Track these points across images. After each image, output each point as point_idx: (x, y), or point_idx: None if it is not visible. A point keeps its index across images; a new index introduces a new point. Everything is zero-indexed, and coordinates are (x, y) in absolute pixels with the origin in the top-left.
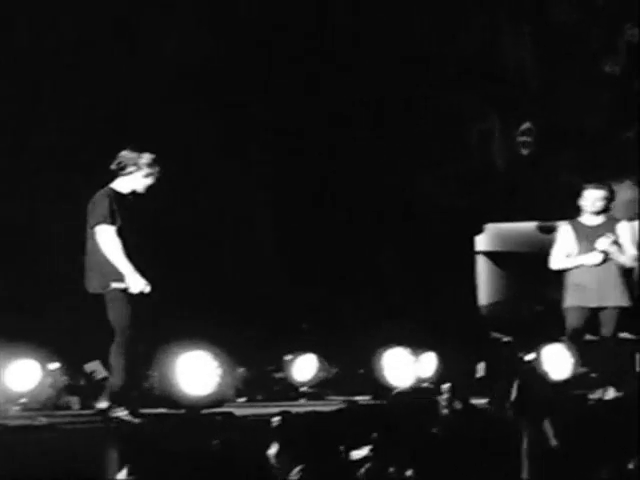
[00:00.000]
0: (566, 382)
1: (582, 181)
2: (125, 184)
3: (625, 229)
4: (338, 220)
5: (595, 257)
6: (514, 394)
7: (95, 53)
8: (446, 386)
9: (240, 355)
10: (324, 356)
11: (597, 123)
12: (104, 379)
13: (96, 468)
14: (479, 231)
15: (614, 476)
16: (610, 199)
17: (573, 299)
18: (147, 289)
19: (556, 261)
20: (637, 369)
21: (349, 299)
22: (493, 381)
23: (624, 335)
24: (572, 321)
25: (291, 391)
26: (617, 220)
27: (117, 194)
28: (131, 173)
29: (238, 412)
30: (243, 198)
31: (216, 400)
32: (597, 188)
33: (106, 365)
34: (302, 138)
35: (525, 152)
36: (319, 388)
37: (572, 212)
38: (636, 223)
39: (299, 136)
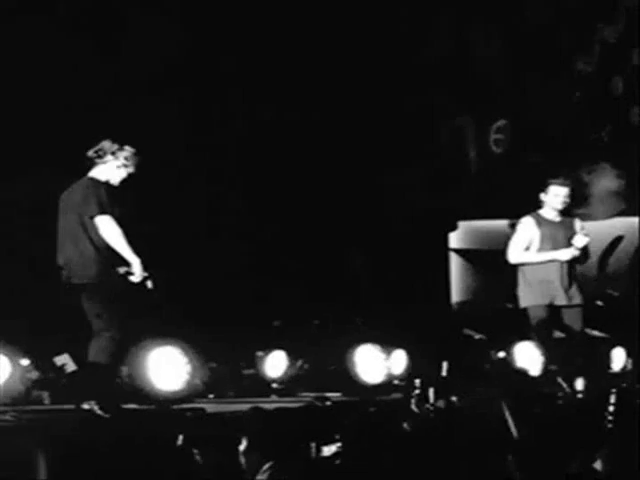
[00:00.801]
0: (536, 379)
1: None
2: (101, 173)
3: (580, 227)
4: (310, 218)
5: (568, 253)
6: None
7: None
8: (417, 382)
9: (211, 351)
10: (295, 353)
11: (570, 122)
12: (74, 372)
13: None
14: (452, 229)
15: (584, 470)
16: (572, 196)
17: (539, 296)
18: (149, 284)
19: (516, 255)
20: (612, 367)
21: (321, 296)
22: (456, 380)
23: (595, 333)
24: (540, 319)
25: (262, 387)
26: (573, 217)
27: (105, 183)
28: (107, 162)
29: (209, 408)
30: (216, 196)
31: (186, 396)
32: (563, 185)
33: (76, 358)
34: (275, 139)
35: (498, 150)
36: (290, 384)
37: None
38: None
39: (271, 137)
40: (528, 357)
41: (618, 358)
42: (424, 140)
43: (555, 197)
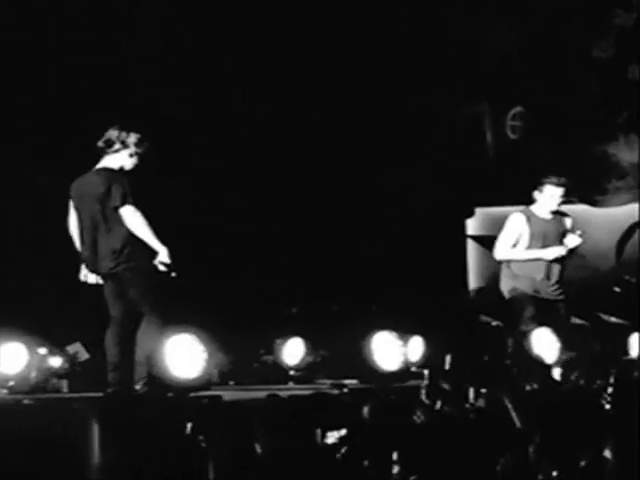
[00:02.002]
0: (551, 367)
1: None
2: (113, 163)
3: (571, 225)
4: (327, 205)
5: (555, 252)
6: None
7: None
8: (426, 373)
9: (229, 339)
10: (312, 340)
11: (586, 108)
12: (87, 361)
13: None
14: (469, 215)
15: (593, 462)
16: (567, 195)
17: (523, 288)
18: (174, 272)
19: (502, 251)
20: (630, 353)
21: (338, 283)
22: (459, 373)
23: (612, 319)
24: (525, 309)
25: (280, 375)
26: (565, 215)
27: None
28: (118, 151)
29: (226, 396)
30: (228, 186)
31: (203, 383)
32: (559, 185)
33: (88, 347)
34: (284, 127)
35: (515, 136)
36: (307, 372)
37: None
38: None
39: (279, 126)
40: (545, 344)
41: (636, 344)
42: (441, 127)
43: (551, 197)
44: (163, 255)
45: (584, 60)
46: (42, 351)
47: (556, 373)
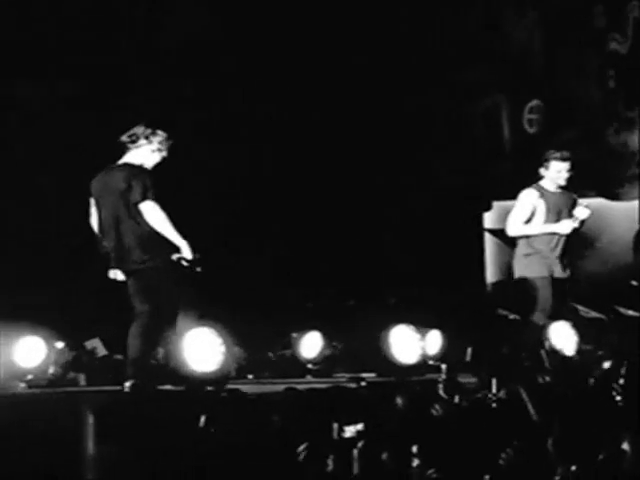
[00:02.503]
0: (571, 359)
1: (585, 159)
2: (135, 159)
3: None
4: (343, 198)
5: (569, 226)
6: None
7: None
8: (444, 367)
9: (246, 333)
10: (330, 333)
11: (603, 101)
12: (105, 356)
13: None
14: (487, 209)
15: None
16: (572, 169)
17: (537, 268)
18: (198, 266)
19: (515, 227)
20: None
21: (356, 277)
22: (480, 365)
23: (630, 312)
24: (541, 290)
25: (297, 368)
26: (569, 190)
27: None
28: (141, 147)
29: (244, 389)
30: (245, 178)
31: (220, 377)
32: (563, 160)
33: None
34: (302, 115)
35: (532, 130)
36: (325, 365)
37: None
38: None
39: (298, 114)
40: (563, 337)
41: None
42: (458, 120)
43: (558, 173)
44: (185, 250)
45: (601, 52)
46: (60, 345)
47: (574, 366)
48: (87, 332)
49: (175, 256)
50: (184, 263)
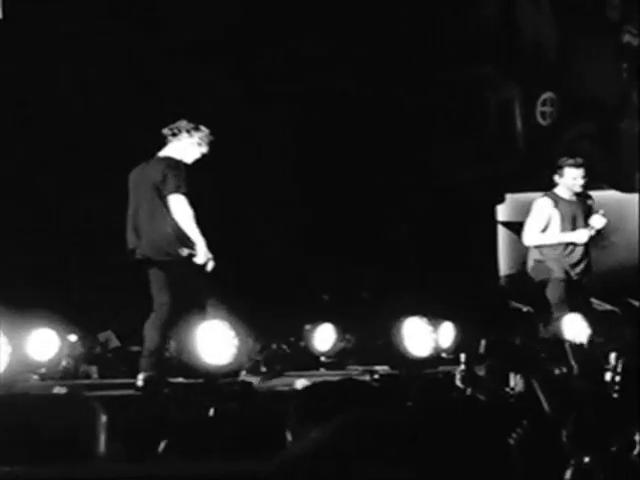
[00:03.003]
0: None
1: (599, 152)
2: (175, 152)
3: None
4: (358, 191)
5: (585, 235)
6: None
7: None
8: (462, 357)
9: (259, 325)
10: (343, 326)
11: (616, 94)
12: (118, 348)
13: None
14: (500, 201)
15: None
16: (586, 176)
17: (555, 270)
18: (211, 264)
19: (532, 237)
20: None
21: (368, 269)
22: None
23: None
24: (560, 293)
25: (310, 361)
26: (587, 196)
27: (185, 164)
28: (181, 140)
29: (256, 382)
30: (263, 171)
31: (233, 370)
32: (577, 166)
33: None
34: (320, 109)
35: (545, 122)
36: (338, 358)
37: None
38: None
39: (317, 107)
40: (576, 329)
41: None
42: (471, 113)
43: (573, 180)
44: (200, 250)
45: (615, 45)
46: (73, 338)
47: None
48: (100, 324)
49: (186, 251)
50: (197, 260)
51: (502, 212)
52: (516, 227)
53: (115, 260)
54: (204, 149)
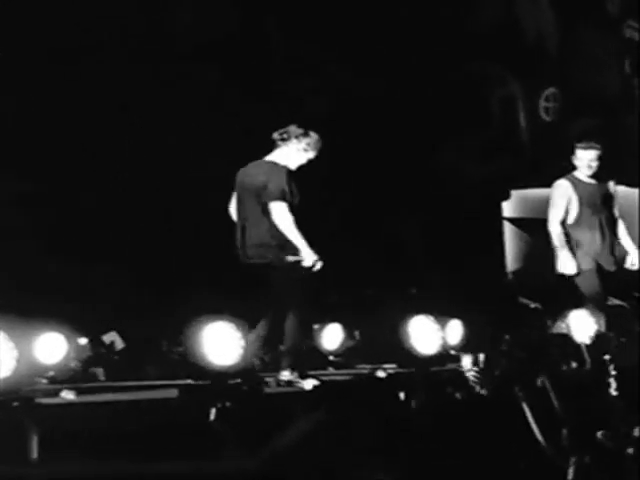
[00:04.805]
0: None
1: (604, 147)
2: (282, 157)
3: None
4: (363, 189)
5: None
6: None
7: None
8: (481, 357)
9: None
10: (350, 325)
11: (619, 88)
12: (123, 350)
13: None
14: (506, 198)
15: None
16: (601, 158)
17: (584, 261)
18: (319, 264)
19: (555, 224)
20: None
21: (375, 267)
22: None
23: None
24: (589, 284)
25: (319, 360)
26: (608, 178)
27: (288, 170)
28: (289, 146)
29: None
30: None
31: (241, 371)
32: (589, 148)
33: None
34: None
35: (548, 118)
36: (346, 357)
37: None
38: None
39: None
40: (583, 325)
41: None
42: (475, 110)
43: (580, 161)
44: (304, 254)
45: (617, 40)
46: (82, 341)
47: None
48: (104, 325)
49: (291, 258)
50: (305, 264)
51: (507, 208)
52: (522, 223)
53: (120, 261)
54: (311, 155)
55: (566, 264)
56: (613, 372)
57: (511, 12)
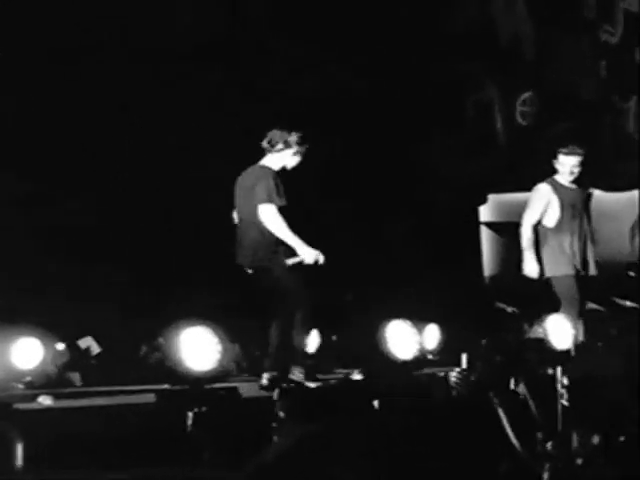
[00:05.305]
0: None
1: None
2: (274, 162)
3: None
4: (341, 192)
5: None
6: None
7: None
8: (464, 357)
9: (243, 330)
10: (327, 329)
11: (595, 93)
12: (99, 354)
13: None
14: (482, 202)
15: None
16: (584, 163)
17: (563, 266)
18: (321, 258)
19: (527, 226)
20: None
21: (352, 272)
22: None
23: (628, 303)
24: (567, 289)
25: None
26: (588, 184)
27: (277, 172)
28: (280, 150)
29: (242, 387)
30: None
31: (218, 375)
32: (572, 154)
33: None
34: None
35: (525, 122)
36: (323, 361)
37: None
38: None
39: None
40: (559, 330)
41: None
42: (451, 114)
43: (567, 167)
44: (303, 253)
45: (593, 44)
46: (60, 346)
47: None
48: (81, 329)
49: (291, 261)
50: (306, 262)
51: (485, 213)
52: (499, 227)
53: (97, 266)
54: (300, 157)
55: (530, 267)
56: (565, 382)
57: (487, 16)
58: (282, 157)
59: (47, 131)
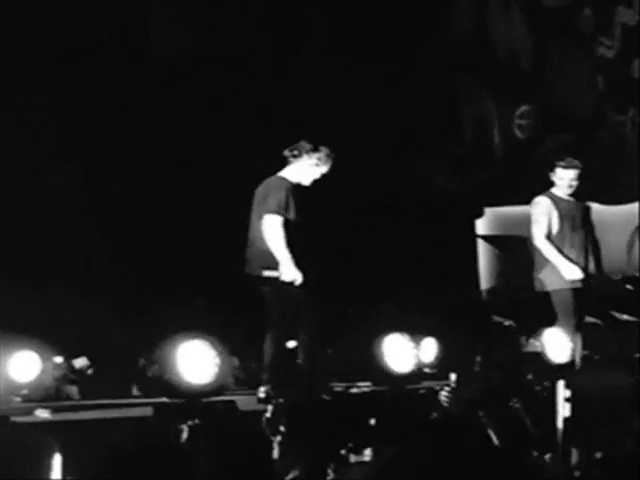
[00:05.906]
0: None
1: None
2: (293, 173)
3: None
4: (336, 204)
5: (577, 272)
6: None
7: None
8: (452, 377)
9: (240, 344)
10: (325, 342)
11: (593, 106)
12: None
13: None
14: (479, 215)
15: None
16: (581, 176)
17: (561, 279)
18: (298, 279)
19: (541, 239)
20: None
21: (348, 285)
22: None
23: (625, 317)
24: (566, 302)
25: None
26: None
27: (293, 185)
28: (301, 161)
29: (240, 401)
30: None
31: (216, 389)
32: (570, 167)
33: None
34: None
35: (522, 135)
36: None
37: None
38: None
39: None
40: (556, 343)
41: None
42: (448, 127)
43: (565, 180)
44: (282, 270)
45: (589, 57)
46: (58, 359)
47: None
48: (76, 348)
49: (267, 273)
50: (284, 279)
51: (481, 226)
52: (495, 240)
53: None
54: (323, 169)
55: (569, 270)
56: (567, 395)
57: (484, 29)
58: (301, 168)
59: (47, 131)
